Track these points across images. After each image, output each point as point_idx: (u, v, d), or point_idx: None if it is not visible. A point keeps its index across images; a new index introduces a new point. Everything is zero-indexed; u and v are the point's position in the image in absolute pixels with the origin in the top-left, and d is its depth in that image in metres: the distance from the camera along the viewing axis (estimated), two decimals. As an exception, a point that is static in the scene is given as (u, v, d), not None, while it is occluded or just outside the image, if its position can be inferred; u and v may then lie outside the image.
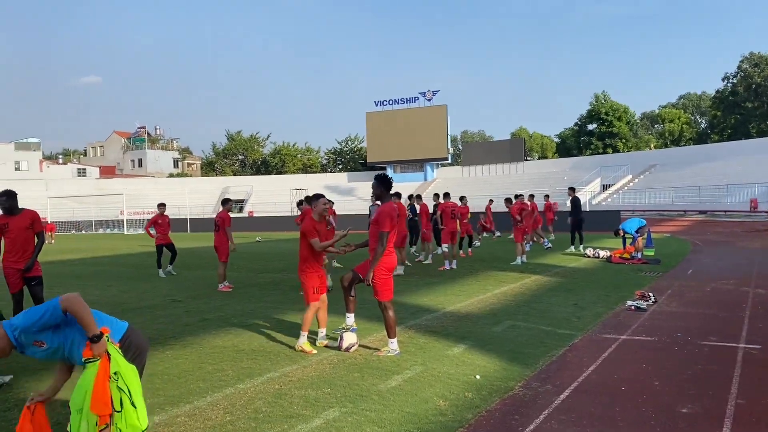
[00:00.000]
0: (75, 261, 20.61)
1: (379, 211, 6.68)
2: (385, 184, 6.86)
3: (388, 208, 6.69)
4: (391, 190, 6.97)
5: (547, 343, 7.25)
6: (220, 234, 12.35)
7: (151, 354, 6.80)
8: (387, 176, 6.93)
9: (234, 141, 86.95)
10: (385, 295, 6.74)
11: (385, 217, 6.61)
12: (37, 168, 78.96)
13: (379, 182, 6.86)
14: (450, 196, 16.09)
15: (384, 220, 6.60)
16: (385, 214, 6.63)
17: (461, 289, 11.45)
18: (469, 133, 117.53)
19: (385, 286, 6.72)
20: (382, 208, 6.72)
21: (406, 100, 69.78)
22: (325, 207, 7.23)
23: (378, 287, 6.71)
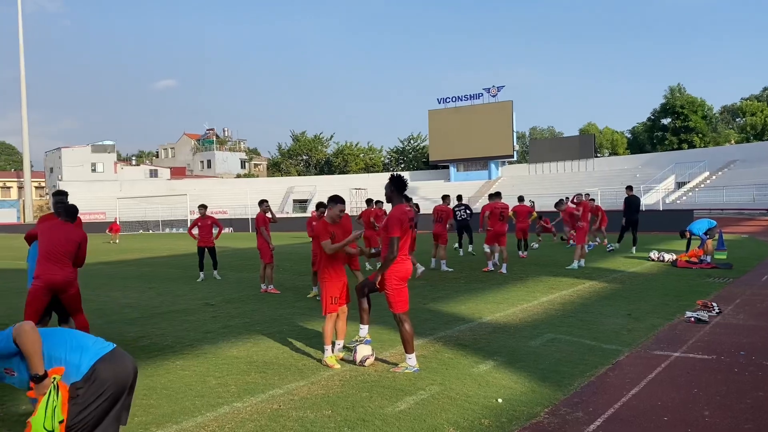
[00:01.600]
0: (130, 262, 20.97)
1: (389, 216, 6.16)
2: (398, 185, 6.31)
3: (398, 212, 6.15)
4: (404, 191, 6.41)
5: (588, 360, 6.52)
6: (259, 235, 12.17)
7: (159, 364, 6.55)
8: (401, 177, 6.39)
9: (298, 141, 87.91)
10: (400, 307, 6.19)
11: (395, 222, 6.07)
12: (112, 169, 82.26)
13: (391, 183, 6.31)
14: (500, 196, 15.35)
15: (393, 225, 6.07)
16: (394, 218, 6.09)
17: (505, 296, 10.73)
18: (538, 129, 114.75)
19: (398, 296, 6.18)
20: (392, 212, 6.19)
21: (469, 97, 68.51)
22: (341, 213, 6.76)
23: (391, 298, 6.18)
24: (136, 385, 3.74)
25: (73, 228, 6.98)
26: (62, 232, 6.82)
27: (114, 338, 7.98)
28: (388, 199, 6.37)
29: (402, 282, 6.20)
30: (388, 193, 6.36)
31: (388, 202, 6.42)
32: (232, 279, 14.49)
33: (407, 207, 6.34)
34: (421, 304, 10.06)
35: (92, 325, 8.83)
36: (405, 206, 6.29)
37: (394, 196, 6.32)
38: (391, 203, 6.35)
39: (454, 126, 68.17)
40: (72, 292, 6.88)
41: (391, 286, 6.18)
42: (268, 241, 12.09)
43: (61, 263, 6.71)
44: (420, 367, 6.25)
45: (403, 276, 6.21)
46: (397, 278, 6.16)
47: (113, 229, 36.30)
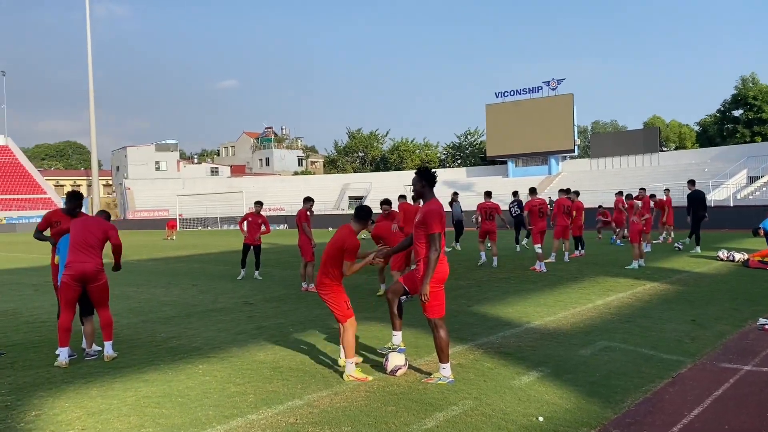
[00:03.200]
0: (182, 258, 21.12)
1: (426, 211, 5.61)
2: (428, 178, 5.79)
3: (437, 206, 5.63)
4: (434, 185, 5.88)
5: (645, 372, 5.86)
6: (300, 233, 11.84)
7: (182, 368, 6.26)
8: (430, 170, 5.86)
9: (354, 138, 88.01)
10: (435, 311, 5.66)
11: (435, 217, 5.54)
12: (175, 168, 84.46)
13: (421, 176, 5.79)
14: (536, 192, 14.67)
15: (433, 221, 5.53)
16: (435, 213, 5.56)
17: (558, 298, 10.04)
18: (600, 123, 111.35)
19: (434, 300, 5.64)
20: (429, 207, 5.64)
21: (528, 90, 66.89)
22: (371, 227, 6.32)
23: (431, 301, 5.66)
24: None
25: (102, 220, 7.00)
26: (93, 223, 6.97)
27: (145, 338, 7.82)
28: (419, 195, 5.85)
29: (439, 284, 5.67)
30: (418, 189, 5.84)
31: (418, 198, 5.90)
32: (276, 276, 14.25)
33: (440, 202, 5.82)
34: (466, 306, 9.51)
35: (128, 323, 8.75)
36: (438, 201, 5.78)
37: (426, 192, 5.81)
38: (423, 199, 5.83)
39: (512, 120, 66.71)
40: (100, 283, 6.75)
41: (433, 286, 5.67)
42: (310, 238, 11.77)
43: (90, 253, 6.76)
44: (455, 377, 5.73)
45: (440, 277, 5.67)
46: (433, 279, 5.63)
47: (170, 226, 37.03)
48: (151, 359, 6.71)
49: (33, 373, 6.29)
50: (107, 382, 5.88)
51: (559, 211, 15.28)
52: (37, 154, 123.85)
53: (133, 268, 17.65)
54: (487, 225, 15.21)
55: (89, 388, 5.68)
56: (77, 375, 6.17)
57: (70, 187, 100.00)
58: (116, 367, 6.41)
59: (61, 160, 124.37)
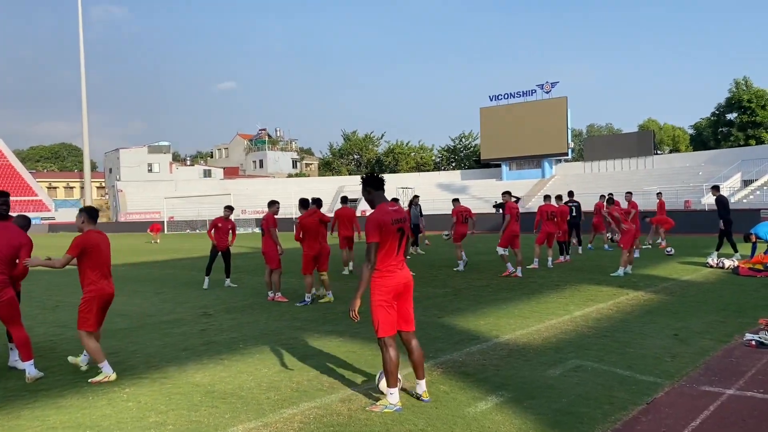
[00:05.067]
0: (158, 263, 20.49)
1: (367, 218, 5.07)
2: (373, 183, 5.26)
3: (378, 212, 5.09)
4: (381, 188, 5.33)
5: (617, 397, 5.28)
6: (267, 238, 11.18)
7: (106, 392, 5.65)
8: (373, 174, 5.33)
9: (350, 141, 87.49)
10: (382, 329, 5.07)
11: (372, 225, 5.01)
12: (168, 170, 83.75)
13: (365, 184, 5.30)
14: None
15: (370, 229, 5.01)
16: (372, 221, 5.03)
17: (534, 308, 9.46)
18: (596, 126, 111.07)
19: (382, 316, 5.06)
20: (371, 215, 5.10)
21: (522, 94, 66.45)
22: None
23: (373, 317, 5.08)
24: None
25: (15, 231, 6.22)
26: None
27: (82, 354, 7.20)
28: (369, 203, 5.30)
29: (388, 299, 5.06)
30: (366, 197, 5.31)
31: (370, 206, 5.32)
32: (246, 284, 13.62)
33: (392, 206, 5.25)
34: (436, 317, 8.92)
35: (70, 337, 8.12)
36: (388, 206, 5.21)
37: (374, 197, 5.26)
38: (372, 206, 5.27)
39: (506, 123, 66.28)
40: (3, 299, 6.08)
41: (374, 302, 5.08)
42: (277, 244, 11.15)
43: None
44: (407, 403, 5.14)
45: (390, 290, 5.07)
46: (381, 293, 5.05)
47: (154, 229, 36.44)
48: (78, 380, 6.11)
49: (-60, 397, 5.69)
50: (17, 407, 5.29)
51: (543, 218, 14.81)
52: (32, 155, 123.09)
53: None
54: (462, 228, 15.18)
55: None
56: None
57: (63, 189, 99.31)
58: (36, 390, 5.81)
59: (56, 162, 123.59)
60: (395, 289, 5.12)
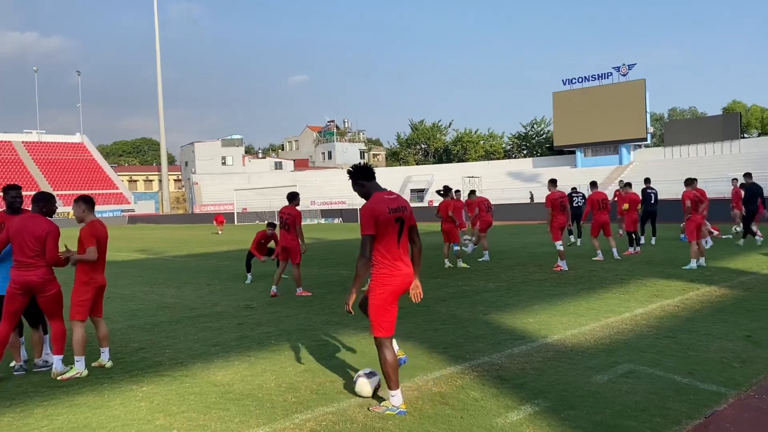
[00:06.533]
0: (218, 254, 20.72)
1: (361, 209, 4.66)
2: (362, 174, 4.86)
3: (372, 202, 4.68)
4: (372, 179, 4.90)
5: (671, 408, 4.65)
6: (292, 233, 10.57)
7: (123, 390, 5.47)
8: (359, 166, 4.94)
9: (417, 130, 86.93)
10: (379, 329, 4.67)
11: (366, 216, 4.60)
12: (240, 162, 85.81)
13: (354, 176, 4.90)
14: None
15: (364, 221, 4.61)
16: (365, 211, 4.62)
17: (591, 305, 8.76)
18: (678, 110, 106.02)
19: (380, 315, 4.66)
20: (365, 205, 4.69)
21: (597, 77, 63.93)
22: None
23: (371, 314, 4.68)
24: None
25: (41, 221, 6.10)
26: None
27: (114, 349, 7.06)
28: (363, 196, 4.88)
29: (389, 298, 4.66)
30: (359, 191, 4.91)
31: (363, 198, 4.89)
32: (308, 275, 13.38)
33: (389, 195, 4.80)
34: (482, 314, 8.39)
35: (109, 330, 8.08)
36: (384, 194, 4.77)
37: (368, 189, 4.84)
38: (366, 197, 4.84)
39: (580, 108, 63.98)
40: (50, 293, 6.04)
41: (373, 299, 4.67)
42: (302, 241, 10.65)
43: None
44: (430, 411, 4.71)
45: (393, 289, 4.67)
46: (383, 291, 4.65)
47: (218, 220, 37.30)
48: (99, 377, 5.98)
49: (-37, 392, 5.68)
50: (31, 406, 5.17)
51: (594, 207, 13.98)
52: (116, 150, 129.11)
53: (163, 265, 17.36)
54: (488, 217, 15.16)
55: (5, 414, 4.98)
56: (8, 395, 5.49)
57: (143, 182, 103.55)
58: (55, 386, 5.71)
59: (137, 156, 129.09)
60: (399, 287, 4.71)
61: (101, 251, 6.31)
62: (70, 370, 6.02)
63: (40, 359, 6.36)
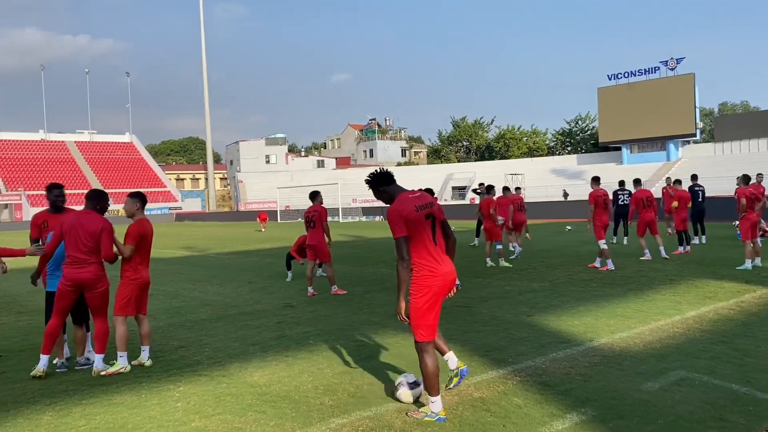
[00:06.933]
0: (260, 251, 20.86)
1: (388, 213, 4.51)
2: (382, 180, 4.71)
3: (398, 203, 4.51)
4: (392, 182, 4.73)
5: (728, 420, 4.38)
6: (318, 231, 10.48)
7: (160, 389, 5.45)
8: (378, 172, 4.78)
9: (459, 127, 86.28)
10: (421, 333, 4.51)
11: (394, 218, 4.44)
12: (284, 161, 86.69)
13: (373, 183, 4.75)
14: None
15: (393, 223, 4.45)
16: (392, 213, 4.46)
17: (640, 307, 8.43)
18: (729, 104, 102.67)
19: (421, 317, 4.49)
20: (390, 208, 4.54)
21: (644, 72, 62.36)
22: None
23: (412, 317, 4.52)
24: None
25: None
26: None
27: (154, 347, 7.08)
28: (387, 201, 4.71)
29: (430, 300, 4.49)
30: (381, 197, 4.77)
31: (387, 204, 4.74)
32: (341, 273, 13.36)
33: (413, 194, 4.64)
34: (525, 316, 8.15)
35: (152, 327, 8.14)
36: (408, 194, 4.61)
37: (391, 192, 4.68)
38: (390, 201, 4.67)
39: (627, 104, 62.54)
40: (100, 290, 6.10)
41: (413, 302, 4.50)
42: (328, 236, 10.56)
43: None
44: (470, 418, 4.54)
45: (434, 291, 4.49)
46: (423, 293, 4.48)
47: (261, 218, 37.74)
48: (138, 375, 5.99)
49: (7, 388, 5.74)
50: (70, 404, 5.19)
51: (638, 206, 13.55)
52: (164, 149, 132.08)
53: (207, 263, 17.55)
54: (520, 216, 14.87)
55: (45, 412, 5.00)
56: (49, 393, 5.53)
57: (190, 180, 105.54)
58: (94, 385, 5.73)
59: (184, 155, 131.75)
60: (441, 288, 4.53)
61: (146, 249, 6.36)
62: (113, 366, 6.05)
63: (83, 357, 6.42)
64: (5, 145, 78.85)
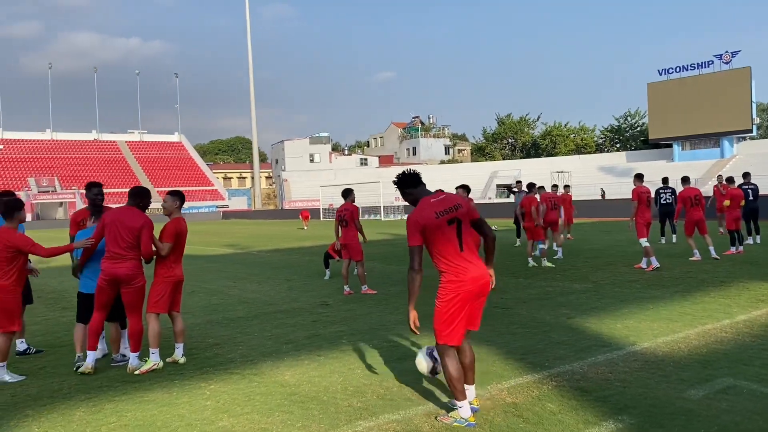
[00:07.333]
0: (298, 250, 20.96)
1: (407, 219, 4.41)
2: (408, 182, 4.60)
3: (419, 208, 4.43)
4: (418, 185, 4.61)
5: (778, 433, 4.12)
6: (351, 229, 10.45)
7: (191, 387, 5.47)
8: (406, 174, 4.65)
9: (504, 124, 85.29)
10: (445, 336, 4.40)
11: (411, 225, 4.37)
12: (327, 159, 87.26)
13: (400, 185, 4.66)
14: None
15: (409, 230, 4.39)
16: (410, 220, 4.38)
17: (686, 309, 8.08)
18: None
19: (444, 321, 4.39)
20: (409, 215, 4.46)
21: (697, 66, 60.36)
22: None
23: (435, 323, 4.43)
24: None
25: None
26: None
27: (190, 344, 7.14)
28: (412, 203, 4.62)
29: (456, 308, 4.36)
30: (407, 199, 4.66)
31: (412, 204, 4.63)
32: (379, 272, 13.30)
33: (436, 198, 4.50)
34: (565, 318, 7.91)
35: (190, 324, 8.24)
36: (430, 198, 4.48)
37: (415, 195, 4.58)
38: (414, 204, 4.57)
39: (678, 99, 60.67)
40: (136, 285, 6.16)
41: (440, 309, 4.41)
42: (363, 235, 10.48)
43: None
44: (502, 424, 4.39)
45: (458, 296, 4.36)
46: (450, 301, 4.37)
47: (304, 216, 38.01)
48: (169, 373, 6.03)
49: (45, 383, 5.86)
50: (103, 401, 5.25)
51: (686, 204, 13.11)
52: (212, 149, 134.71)
53: (248, 260, 17.73)
54: (553, 215, 14.07)
55: (78, 408, 5.07)
56: (84, 389, 5.62)
57: (236, 179, 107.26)
58: (128, 382, 5.79)
59: (231, 154, 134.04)
60: (468, 294, 4.38)
61: (181, 247, 6.43)
62: (146, 363, 6.11)
63: (118, 354, 6.50)
64: (60, 145, 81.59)
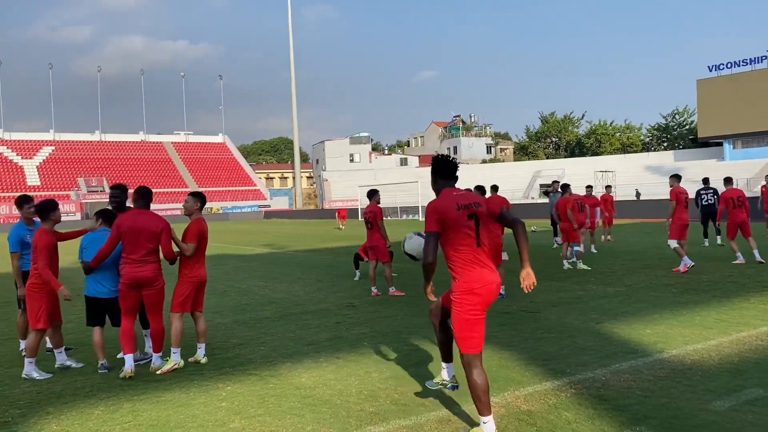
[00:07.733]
0: (332, 250, 21.04)
1: (426, 207, 4.28)
2: (441, 168, 4.45)
3: (441, 198, 4.31)
4: (450, 176, 4.45)
5: (806, 450, 3.91)
6: (376, 231, 10.33)
7: (209, 388, 5.54)
8: (441, 157, 4.50)
9: (547, 123, 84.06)
10: (467, 345, 4.16)
11: (431, 213, 4.21)
12: (367, 159, 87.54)
13: (434, 166, 4.49)
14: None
15: (428, 217, 4.22)
16: (431, 208, 4.23)
17: (722, 316, 7.78)
18: None
19: (465, 327, 4.15)
20: (431, 202, 4.32)
21: (749, 62, 58.47)
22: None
23: (455, 326, 4.22)
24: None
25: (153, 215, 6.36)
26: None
27: (214, 344, 7.22)
28: (435, 192, 4.46)
29: (473, 306, 4.13)
30: (433, 187, 4.50)
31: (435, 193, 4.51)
32: (407, 272, 13.24)
33: (459, 192, 4.39)
34: (594, 322, 7.71)
35: (218, 324, 8.35)
36: (453, 191, 4.35)
37: (440, 185, 4.43)
38: (436, 194, 4.45)
39: (729, 96, 58.85)
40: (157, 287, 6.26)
41: (458, 313, 4.18)
42: (386, 237, 10.40)
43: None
44: (513, 431, 4.29)
45: (476, 298, 4.13)
46: (469, 303, 4.13)
47: (340, 215, 38.23)
48: (191, 373, 6.10)
49: (69, 381, 5.99)
50: (122, 400, 5.34)
51: (729, 206, 12.72)
52: (255, 149, 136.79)
53: (282, 260, 17.88)
54: (580, 216, 13.42)
55: (97, 407, 5.17)
56: (106, 387, 5.73)
57: (278, 179, 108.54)
58: (147, 381, 5.87)
59: (274, 154, 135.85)
60: (487, 296, 4.17)
61: (203, 247, 6.50)
62: (168, 363, 6.20)
63: (138, 353, 6.60)
64: (109, 146, 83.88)
